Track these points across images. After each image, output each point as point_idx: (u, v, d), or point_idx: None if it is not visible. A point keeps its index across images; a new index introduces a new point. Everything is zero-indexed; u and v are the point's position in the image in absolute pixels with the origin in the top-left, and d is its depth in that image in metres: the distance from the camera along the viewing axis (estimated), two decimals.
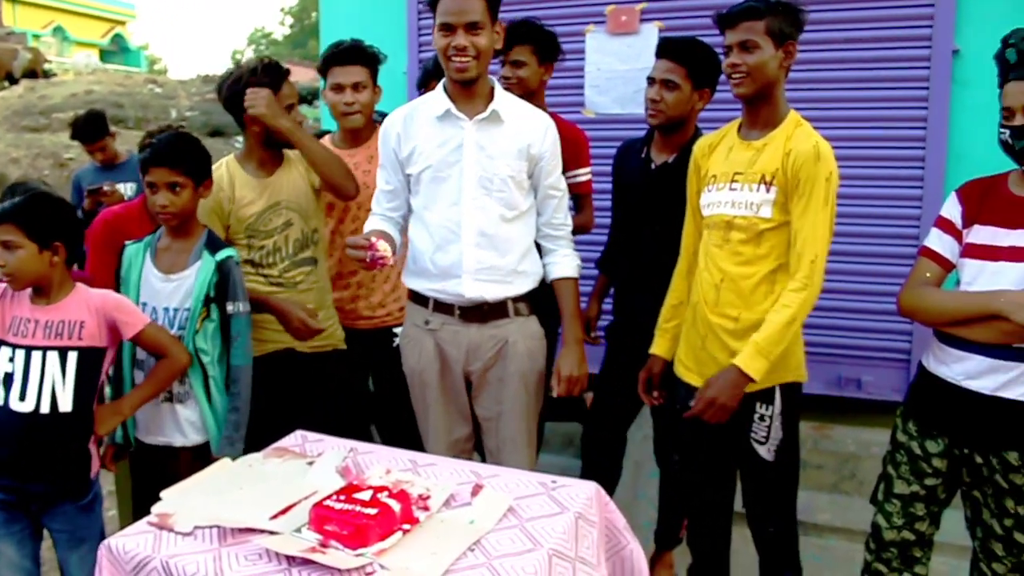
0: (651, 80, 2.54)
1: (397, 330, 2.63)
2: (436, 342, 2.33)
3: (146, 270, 2.41)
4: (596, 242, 3.04)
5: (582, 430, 2.98)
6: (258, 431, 2.31)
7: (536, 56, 2.81)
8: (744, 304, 2.12)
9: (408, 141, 2.28)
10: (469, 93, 2.22)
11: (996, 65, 1.97)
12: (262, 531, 1.63)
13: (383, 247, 2.06)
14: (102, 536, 2.11)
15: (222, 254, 2.37)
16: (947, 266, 2.07)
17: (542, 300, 2.41)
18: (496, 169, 2.21)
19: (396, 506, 1.63)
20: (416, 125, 2.28)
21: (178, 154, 2.35)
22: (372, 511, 1.59)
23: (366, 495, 1.66)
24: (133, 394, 2.33)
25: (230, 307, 2.37)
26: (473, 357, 2.32)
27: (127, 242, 2.47)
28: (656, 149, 2.65)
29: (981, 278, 1.97)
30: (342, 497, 1.65)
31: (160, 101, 12.75)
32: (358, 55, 2.76)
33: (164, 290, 2.38)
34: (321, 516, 1.60)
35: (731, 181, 2.16)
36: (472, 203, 2.23)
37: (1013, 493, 1.94)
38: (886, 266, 3.43)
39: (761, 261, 2.11)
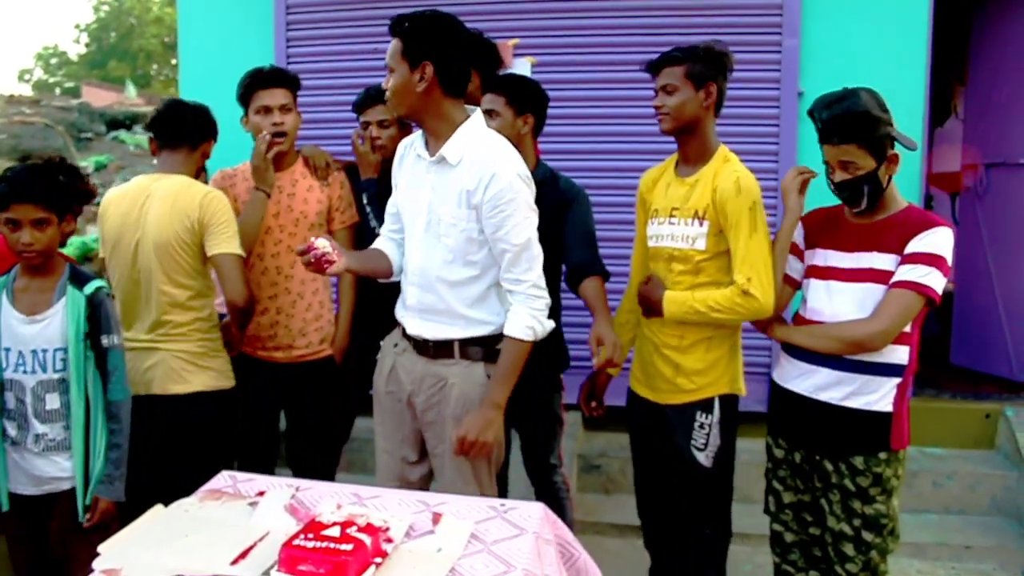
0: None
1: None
2: (395, 364, 2.34)
3: (5, 313, 2.25)
4: None
5: None
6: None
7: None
8: (686, 325, 2.28)
9: (400, 171, 2.32)
10: (430, 131, 2.16)
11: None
12: None
13: (322, 244, 2.00)
14: None
15: (91, 286, 2.27)
16: (795, 285, 2.31)
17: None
18: (441, 214, 2.15)
19: (367, 540, 1.61)
20: (407, 157, 2.30)
21: (41, 188, 2.17)
22: (347, 547, 1.56)
23: (334, 531, 1.62)
24: None
25: (104, 340, 2.27)
26: (418, 389, 2.28)
27: None
28: None
29: (820, 295, 2.19)
30: (310, 535, 1.61)
31: None
32: (282, 78, 2.72)
33: (28, 333, 2.23)
34: (293, 556, 1.55)
35: (670, 216, 2.34)
36: (419, 242, 2.21)
37: (860, 495, 2.14)
38: None
39: (700, 289, 2.27)
